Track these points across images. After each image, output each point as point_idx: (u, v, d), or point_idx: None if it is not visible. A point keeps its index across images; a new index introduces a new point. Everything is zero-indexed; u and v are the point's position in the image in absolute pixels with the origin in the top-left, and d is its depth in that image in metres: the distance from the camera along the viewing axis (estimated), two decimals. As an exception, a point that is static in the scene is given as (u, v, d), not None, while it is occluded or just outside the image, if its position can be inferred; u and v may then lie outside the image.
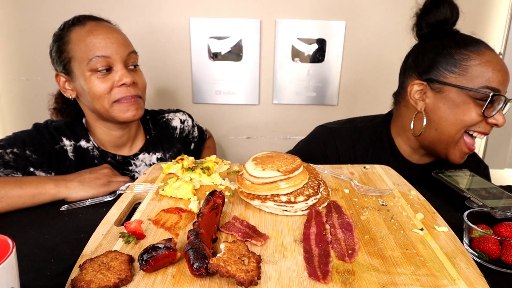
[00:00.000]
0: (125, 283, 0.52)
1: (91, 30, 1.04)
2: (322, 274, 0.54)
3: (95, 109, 1.08)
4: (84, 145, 1.14)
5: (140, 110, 1.11)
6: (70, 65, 1.05)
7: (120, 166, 1.18)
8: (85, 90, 1.05)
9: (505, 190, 0.89)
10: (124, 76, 1.04)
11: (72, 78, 1.07)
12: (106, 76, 1.04)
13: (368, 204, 0.79)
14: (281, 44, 1.71)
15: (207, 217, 0.65)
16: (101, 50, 1.02)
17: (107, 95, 1.04)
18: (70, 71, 1.06)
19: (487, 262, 0.64)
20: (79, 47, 1.03)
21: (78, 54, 1.03)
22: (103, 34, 1.04)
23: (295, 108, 1.81)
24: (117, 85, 1.05)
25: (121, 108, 1.07)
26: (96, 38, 1.03)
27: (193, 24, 1.68)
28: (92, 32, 1.04)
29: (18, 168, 0.99)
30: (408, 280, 0.53)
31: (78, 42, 1.03)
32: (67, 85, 1.09)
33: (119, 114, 1.07)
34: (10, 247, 0.45)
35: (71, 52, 1.04)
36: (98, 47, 1.02)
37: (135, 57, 1.11)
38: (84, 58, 1.02)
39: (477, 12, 1.67)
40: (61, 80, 1.09)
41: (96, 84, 1.03)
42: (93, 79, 1.03)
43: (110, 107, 1.06)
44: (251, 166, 0.80)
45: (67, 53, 1.05)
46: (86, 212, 0.84)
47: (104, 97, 1.05)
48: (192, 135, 1.41)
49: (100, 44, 1.03)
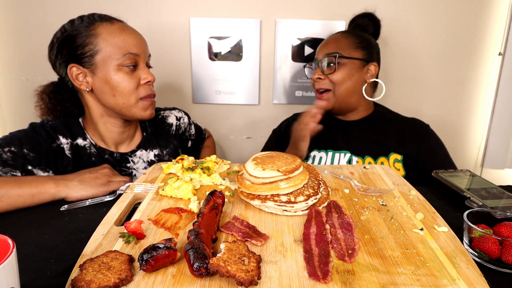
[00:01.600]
0: (125, 283, 0.52)
1: (123, 29, 1.09)
2: (322, 274, 0.54)
3: (116, 104, 1.09)
4: (81, 143, 1.14)
5: (154, 109, 1.18)
6: (95, 57, 1.05)
7: (118, 163, 1.18)
8: (108, 85, 1.06)
9: (505, 190, 0.89)
10: (149, 75, 1.11)
11: (93, 71, 1.06)
12: (133, 73, 1.09)
13: (368, 204, 0.79)
14: (281, 44, 1.71)
15: (207, 217, 0.65)
16: (134, 48, 1.08)
17: (135, 91, 1.09)
18: (93, 64, 1.06)
19: (487, 262, 0.64)
20: (110, 42, 1.05)
21: (108, 49, 1.05)
22: (134, 33, 1.11)
23: (295, 108, 1.80)
24: (142, 82, 1.10)
25: (144, 106, 1.13)
26: (129, 36, 1.08)
27: (193, 24, 1.67)
28: (123, 31, 1.08)
29: (16, 166, 1.00)
30: (408, 280, 0.53)
31: (109, 37, 1.05)
32: (81, 77, 1.08)
33: (140, 112, 1.13)
34: (10, 247, 0.45)
35: (99, 45, 1.05)
36: (132, 44, 1.08)
37: (149, 59, 1.18)
38: (115, 53, 1.05)
39: (477, 12, 1.67)
40: (75, 72, 1.07)
41: (126, 79, 1.07)
42: (122, 74, 1.06)
43: (135, 103, 1.11)
44: (251, 166, 0.80)
45: (94, 45, 1.05)
46: (86, 212, 0.84)
47: (132, 93, 1.09)
48: (189, 132, 1.42)
49: (133, 42, 1.08)
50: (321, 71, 1.30)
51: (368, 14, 1.42)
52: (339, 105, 1.32)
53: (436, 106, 1.82)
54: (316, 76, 1.31)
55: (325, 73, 1.29)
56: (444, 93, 1.79)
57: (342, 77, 1.27)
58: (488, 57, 1.73)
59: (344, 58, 1.27)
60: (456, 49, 1.73)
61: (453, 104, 1.81)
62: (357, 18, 1.44)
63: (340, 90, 1.29)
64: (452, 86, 1.78)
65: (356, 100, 1.33)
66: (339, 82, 1.28)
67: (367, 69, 1.31)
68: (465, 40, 1.71)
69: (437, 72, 1.76)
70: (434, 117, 1.82)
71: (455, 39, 1.71)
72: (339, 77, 1.27)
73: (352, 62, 1.28)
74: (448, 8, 1.67)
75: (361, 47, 1.30)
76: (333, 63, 1.27)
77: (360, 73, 1.30)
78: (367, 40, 1.34)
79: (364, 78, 1.31)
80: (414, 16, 1.68)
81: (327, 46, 1.32)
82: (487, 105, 1.80)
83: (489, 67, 1.75)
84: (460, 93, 1.79)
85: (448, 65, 1.75)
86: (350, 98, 1.31)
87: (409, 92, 1.79)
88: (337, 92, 1.29)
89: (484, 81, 1.77)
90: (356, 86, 1.30)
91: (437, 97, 1.80)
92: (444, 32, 1.70)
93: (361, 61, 1.29)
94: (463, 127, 1.85)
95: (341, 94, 1.29)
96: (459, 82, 1.78)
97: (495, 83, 1.75)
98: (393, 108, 1.43)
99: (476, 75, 1.76)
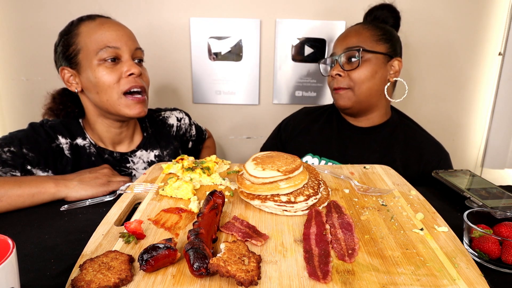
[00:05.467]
0: (125, 283, 0.52)
1: (102, 23, 1.07)
2: (322, 274, 0.54)
3: (101, 102, 1.08)
4: (81, 143, 1.14)
5: (145, 108, 1.13)
6: (78, 57, 1.06)
7: (118, 163, 1.18)
8: (91, 82, 1.06)
9: (505, 190, 0.89)
10: (132, 67, 1.06)
11: (78, 71, 1.07)
12: (114, 66, 1.06)
13: (368, 204, 0.79)
14: (281, 44, 1.71)
15: (207, 217, 0.65)
16: (112, 41, 1.05)
17: (116, 85, 1.05)
18: (77, 63, 1.07)
19: (487, 262, 0.64)
20: (89, 39, 1.04)
21: (88, 46, 1.04)
22: (113, 27, 1.07)
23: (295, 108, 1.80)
24: (125, 75, 1.06)
25: (128, 104, 1.08)
26: (107, 30, 1.05)
27: (193, 24, 1.67)
28: (103, 25, 1.06)
29: (16, 166, 1.00)
30: (408, 280, 0.53)
31: (88, 34, 1.05)
32: (72, 79, 1.10)
33: (126, 110, 1.08)
34: (10, 247, 0.45)
35: (80, 44, 1.05)
36: (109, 38, 1.05)
37: (141, 53, 1.14)
38: (93, 49, 1.04)
39: (477, 12, 1.67)
40: (66, 74, 1.10)
41: (104, 74, 1.04)
42: (101, 69, 1.04)
43: (118, 98, 1.07)
44: (251, 166, 0.80)
45: (76, 45, 1.06)
46: (86, 212, 0.84)
47: (113, 88, 1.05)
48: (190, 133, 1.42)
49: (111, 36, 1.05)
50: (340, 67, 1.17)
51: (387, 5, 1.28)
52: (359, 106, 1.19)
53: (436, 106, 1.82)
54: (335, 72, 1.17)
55: (345, 70, 1.16)
56: (444, 93, 1.80)
57: (365, 75, 1.14)
58: (488, 57, 1.73)
59: (368, 52, 1.14)
60: (456, 49, 1.73)
61: (453, 104, 1.81)
62: (374, 10, 1.29)
63: (362, 88, 1.15)
64: (452, 86, 1.78)
65: (376, 101, 1.20)
66: (362, 80, 1.14)
67: (391, 65, 1.18)
68: (465, 40, 1.71)
69: (437, 72, 1.76)
70: (434, 117, 1.82)
71: (455, 39, 1.71)
72: (362, 74, 1.14)
73: (376, 57, 1.15)
74: (448, 8, 1.67)
75: (384, 39, 1.17)
76: (355, 57, 1.14)
77: (384, 70, 1.17)
78: (390, 32, 1.20)
79: (386, 76, 1.18)
80: (415, 15, 1.68)
81: (347, 40, 1.18)
82: (487, 105, 1.80)
83: (489, 67, 1.75)
84: (460, 93, 1.79)
85: (448, 65, 1.75)
86: (372, 98, 1.18)
87: (408, 92, 1.79)
88: (358, 91, 1.16)
89: (484, 81, 1.77)
90: (379, 85, 1.17)
91: (437, 97, 1.80)
92: (444, 32, 1.70)
93: (385, 56, 1.16)
94: (463, 127, 1.85)
95: (362, 93, 1.16)
96: (459, 82, 1.78)
97: (495, 83, 1.75)
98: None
99: (476, 75, 1.77)
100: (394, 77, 1.19)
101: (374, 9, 1.30)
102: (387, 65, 1.17)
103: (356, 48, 1.14)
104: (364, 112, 1.23)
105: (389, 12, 1.27)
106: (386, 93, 1.18)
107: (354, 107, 1.20)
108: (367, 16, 1.32)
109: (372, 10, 1.31)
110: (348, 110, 1.22)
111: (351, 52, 1.15)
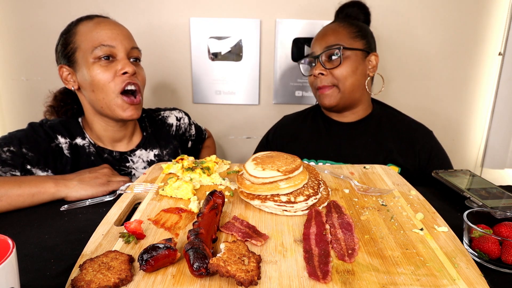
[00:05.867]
0: (125, 283, 0.52)
1: (99, 22, 1.08)
2: (322, 274, 0.54)
3: (97, 100, 1.08)
4: (80, 143, 1.14)
5: (138, 111, 1.13)
6: (75, 55, 1.07)
7: (117, 163, 1.18)
8: (87, 80, 1.06)
9: (505, 190, 0.89)
10: (127, 65, 1.06)
11: (75, 69, 1.08)
12: (109, 64, 1.06)
13: (368, 204, 0.79)
14: (281, 44, 1.71)
15: (207, 217, 0.65)
16: (107, 40, 1.06)
17: (111, 83, 1.06)
18: (74, 62, 1.08)
19: (487, 262, 0.64)
20: (86, 37, 1.05)
21: (84, 44, 1.05)
22: (110, 25, 1.09)
23: (295, 108, 1.80)
24: (119, 73, 1.06)
25: (122, 105, 1.08)
26: (103, 29, 1.07)
27: (193, 24, 1.67)
28: (99, 24, 1.08)
29: (15, 166, 1.00)
30: (408, 280, 0.53)
31: (85, 33, 1.06)
32: (69, 77, 1.11)
33: (119, 111, 1.09)
34: (10, 247, 0.45)
35: (77, 42, 1.06)
36: (104, 37, 1.06)
37: (138, 53, 1.14)
38: (89, 47, 1.05)
39: (477, 12, 1.67)
40: (64, 72, 1.11)
41: (99, 72, 1.05)
42: (96, 67, 1.05)
43: (115, 98, 1.07)
44: (251, 166, 0.80)
45: (73, 44, 1.07)
46: (86, 212, 0.84)
47: (108, 86, 1.06)
48: (189, 133, 1.42)
49: (106, 34, 1.06)
50: (322, 66, 1.20)
51: (356, 2, 1.33)
52: (344, 102, 1.23)
53: (436, 106, 1.82)
54: (318, 71, 1.20)
55: (327, 68, 1.20)
56: (444, 93, 1.80)
57: (347, 71, 1.18)
58: (488, 57, 1.73)
59: (347, 49, 1.18)
60: (456, 49, 1.73)
61: (453, 103, 1.81)
62: (345, 7, 1.34)
63: (346, 85, 1.19)
64: (452, 86, 1.78)
65: (359, 95, 1.24)
66: (344, 76, 1.18)
67: (368, 60, 1.23)
68: (465, 40, 1.71)
69: (437, 71, 1.76)
70: (434, 117, 1.82)
71: (455, 39, 1.71)
72: (345, 71, 1.18)
73: (355, 53, 1.19)
74: (448, 8, 1.67)
75: (360, 36, 1.22)
76: (335, 56, 1.18)
77: (363, 65, 1.21)
78: (365, 28, 1.26)
79: (366, 71, 1.23)
80: (414, 15, 1.68)
81: (325, 38, 1.22)
82: (487, 105, 1.80)
83: (489, 67, 1.75)
84: (460, 92, 1.79)
85: (448, 64, 1.75)
86: (355, 93, 1.22)
87: (408, 92, 1.79)
88: (343, 88, 1.19)
89: (484, 81, 1.77)
90: (360, 80, 1.21)
91: (437, 97, 1.80)
92: (444, 32, 1.70)
93: (362, 52, 1.21)
94: (463, 127, 1.85)
95: (346, 90, 1.20)
96: (459, 81, 1.78)
97: (495, 83, 1.75)
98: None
99: (476, 75, 1.77)
100: (373, 71, 1.25)
101: (345, 6, 1.34)
102: (365, 61, 1.23)
103: (336, 46, 1.18)
104: (349, 108, 1.27)
105: (359, 9, 1.33)
106: (366, 87, 1.24)
107: (339, 104, 1.24)
108: (338, 13, 1.36)
109: (343, 7, 1.35)
110: (335, 107, 1.26)
111: (331, 51, 1.19)
